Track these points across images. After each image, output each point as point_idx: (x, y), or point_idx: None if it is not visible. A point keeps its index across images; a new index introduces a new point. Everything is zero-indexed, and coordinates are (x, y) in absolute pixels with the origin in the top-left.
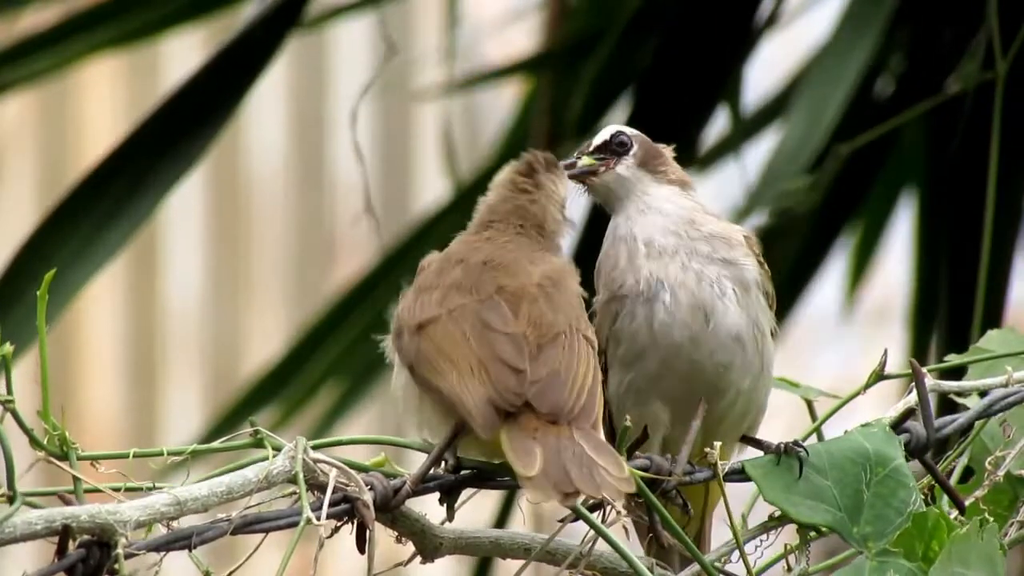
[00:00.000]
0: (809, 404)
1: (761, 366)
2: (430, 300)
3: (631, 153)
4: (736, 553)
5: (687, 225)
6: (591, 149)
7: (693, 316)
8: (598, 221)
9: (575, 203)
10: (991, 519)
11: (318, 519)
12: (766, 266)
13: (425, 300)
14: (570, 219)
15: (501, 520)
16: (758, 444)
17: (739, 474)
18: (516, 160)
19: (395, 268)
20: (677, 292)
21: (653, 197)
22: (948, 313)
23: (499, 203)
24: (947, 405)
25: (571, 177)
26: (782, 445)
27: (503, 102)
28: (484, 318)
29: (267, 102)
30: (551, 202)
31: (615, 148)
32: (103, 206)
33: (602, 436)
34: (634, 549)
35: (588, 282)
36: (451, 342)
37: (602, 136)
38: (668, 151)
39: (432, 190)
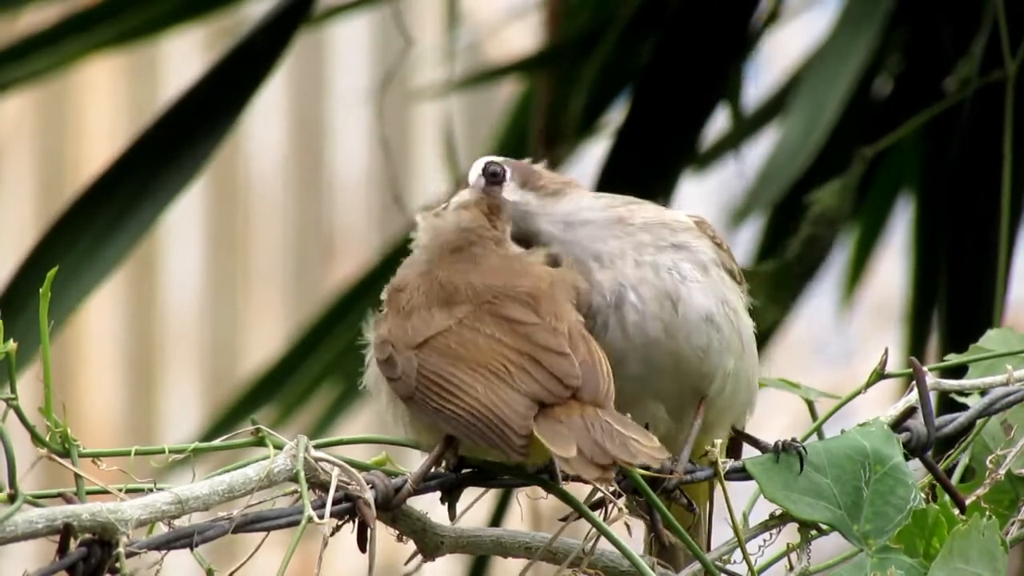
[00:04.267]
0: (810, 404)
1: (741, 345)
2: (430, 316)
3: (509, 178)
4: (738, 554)
5: (618, 224)
6: (481, 186)
7: (661, 306)
8: None
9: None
10: (992, 516)
11: (320, 518)
12: (725, 245)
13: (424, 317)
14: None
15: (497, 517)
16: (756, 443)
17: (739, 472)
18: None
19: (394, 267)
20: (639, 288)
21: (562, 212)
22: (946, 313)
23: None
24: (947, 405)
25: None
26: (780, 443)
27: (502, 101)
28: (506, 315)
29: (266, 102)
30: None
31: (490, 179)
32: (105, 216)
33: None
34: (636, 548)
35: None
36: (472, 348)
37: (475, 171)
38: (539, 166)
39: (431, 189)
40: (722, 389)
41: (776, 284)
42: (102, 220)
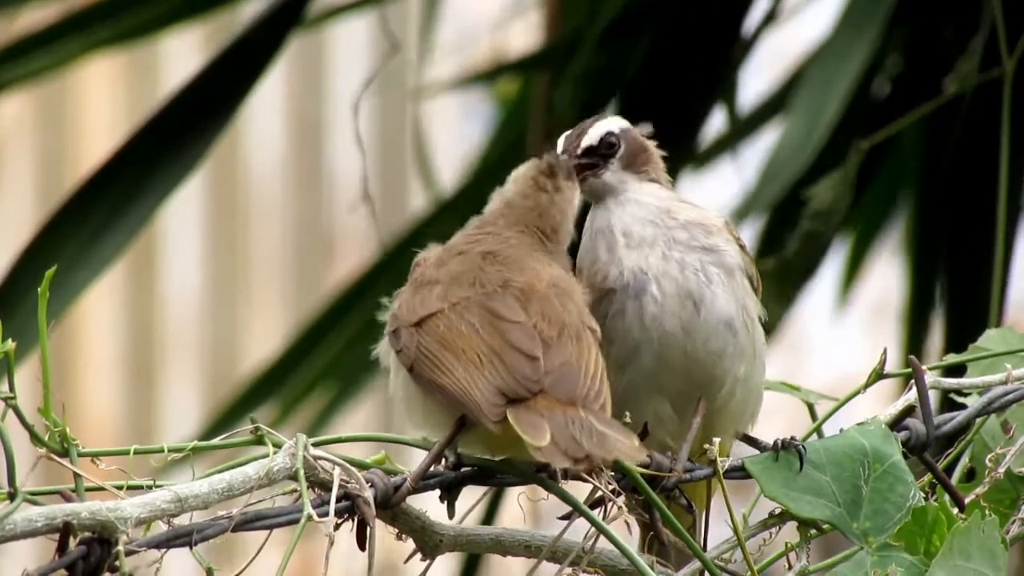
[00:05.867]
0: (810, 407)
1: (754, 352)
2: (430, 295)
3: (618, 156)
4: (738, 554)
5: (663, 214)
6: (579, 152)
7: (682, 305)
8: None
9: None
10: (991, 514)
11: (320, 516)
12: (747, 249)
13: (424, 295)
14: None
15: (490, 514)
16: (755, 443)
17: (739, 471)
18: (536, 158)
19: (393, 266)
20: (662, 282)
21: (633, 191)
22: (944, 312)
23: (519, 198)
24: (946, 405)
25: None
26: (779, 442)
27: (502, 99)
28: (492, 308)
29: (266, 102)
30: (569, 208)
31: (603, 151)
32: (102, 210)
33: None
34: (635, 546)
35: None
36: (456, 334)
37: (591, 138)
38: (654, 147)
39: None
40: (731, 395)
41: (778, 282)
42: (99, 214)
